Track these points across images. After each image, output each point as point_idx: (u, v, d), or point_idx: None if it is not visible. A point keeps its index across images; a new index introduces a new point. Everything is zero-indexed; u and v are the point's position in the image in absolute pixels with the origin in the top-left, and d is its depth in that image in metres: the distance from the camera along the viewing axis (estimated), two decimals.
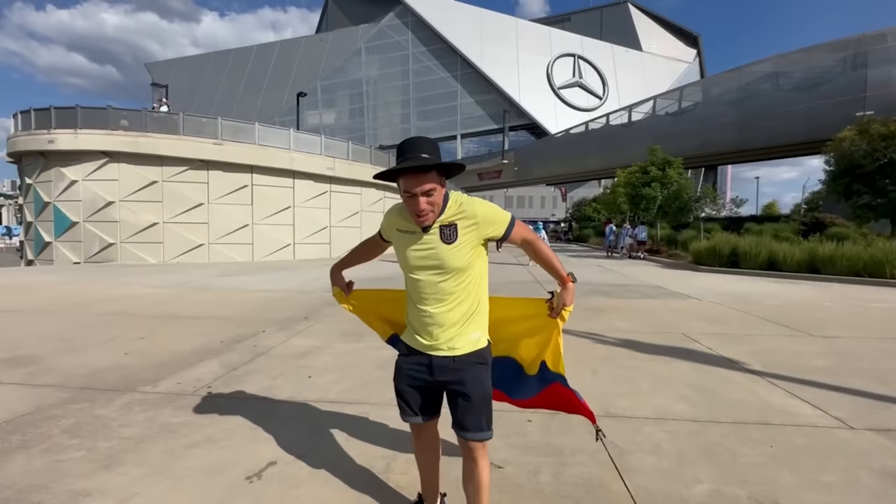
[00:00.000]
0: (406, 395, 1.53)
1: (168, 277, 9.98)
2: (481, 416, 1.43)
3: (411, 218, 1.39)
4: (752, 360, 3.89)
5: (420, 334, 1.47)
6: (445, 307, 1.42)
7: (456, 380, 1.43)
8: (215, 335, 4.68)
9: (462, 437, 1.45)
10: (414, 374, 1.50)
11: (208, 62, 69.33)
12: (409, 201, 1.33)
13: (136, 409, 2.78)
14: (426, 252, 1.41)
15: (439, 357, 1.44)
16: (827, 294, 8.01)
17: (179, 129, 13.72)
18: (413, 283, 1.46)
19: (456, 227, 1.39)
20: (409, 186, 1.31)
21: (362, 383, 3.29)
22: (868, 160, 12.72)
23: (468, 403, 1.42)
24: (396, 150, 1.38)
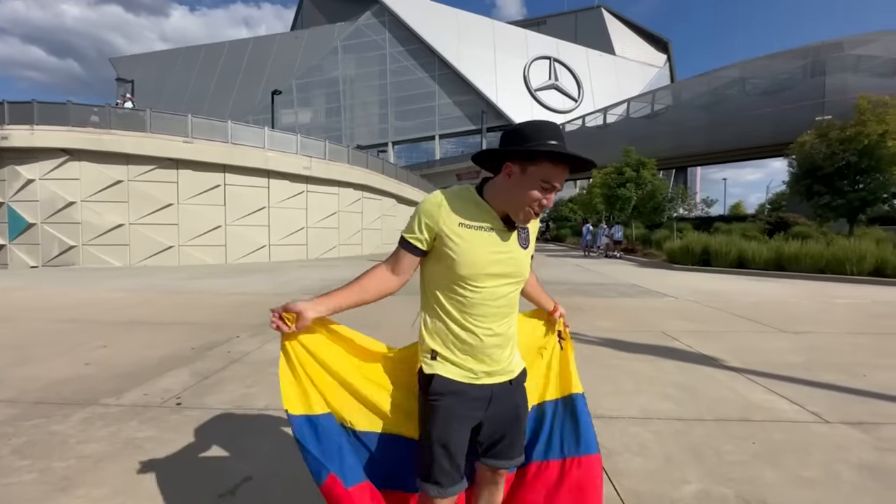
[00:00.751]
0: (455, 451, 1.12)
1: (134, 281, 9.52)
2: (522, 441, 1.29)
3: (519, 214, 1.10)
4: (730, 358, 3.97)
5: (482, 361, 1.15)
6: (508, 323, 1.20)
7: (512, 405, 1.22)
8: (185, 342, 4.46)
9: (504, 466, 1.25)
10: (469, 413, 1.15)
11: (178, 58, 67.00)
12: (539, 194, 1.07)
13: (97, 423, 2.58)
14: (505, 256, 1.15)
15: (499, 385, 1.18)
16: (794, 291, 8.33)
17: (146, 127, 13.12)
18: (475, 295, 1.13)
19: (528, 232, 1.22)
20: (556, 177, 1.06)
21: None
22: (827, 162, 13.34)
23: (519, 429, 1.25)
24: (528, 130, 1.07)
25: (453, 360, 1.15)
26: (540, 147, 1.03)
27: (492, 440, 1.21)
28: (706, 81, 26.46)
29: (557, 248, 27.07)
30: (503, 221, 1.14)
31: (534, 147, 1.04)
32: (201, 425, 2.55)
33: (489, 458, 1.23)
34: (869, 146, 12.35)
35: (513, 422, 1.23)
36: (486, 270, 1.12)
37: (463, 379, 1.14)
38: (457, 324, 1.15)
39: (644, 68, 71.28)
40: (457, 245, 1.11)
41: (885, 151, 12.21)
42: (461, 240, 1.11)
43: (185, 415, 2.70)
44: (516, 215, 1.11)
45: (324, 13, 69.30)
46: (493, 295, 1.14)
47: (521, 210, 1.09)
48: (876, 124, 12.12)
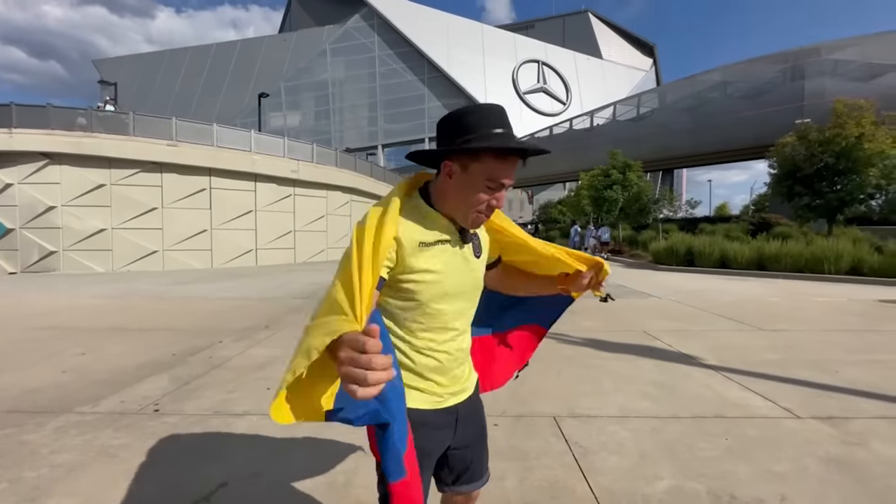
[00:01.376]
0: (423, 491, 0.95)
1: (117, 287, 9.36)
2: (487, 453, 1.19)
3: (468, 219, 0.96)
4: (708, 356, 4.05)
5: (448, 383, 1.04)
6: (467, 337, 1.09)
7: (476, 421, 1.14)
8: (166, 348, 4.40)
9: (474, 489, 1.14)
10: (437, 441, 1.04)
11: (163, 60, 66.12)
12: (486, 196, 0.92)
13: (71, 432, 2.54)
14: (467, 270, 1.02)
15: (464, 403, 1.08)
16: (774, 290, 8.51)
17: (129, 130, 12.93)
18: (442, 316, 0.99)
19: (479, 237, 1.08)
20: (504, 174, 0.91)
21: None
22: (807, 164, 13.67)
23: (485, 443, 1.17)
24: (467, 119, 0.91)
25: (416, 386, 1.00)
26: (480, 142, 0.87)
27: (464, 465, 1.11)
28: (690, 85, 26.97)
29: None
30: (459, 232, 0.99)
31: (473, 142, 0.87)
32: (178, 432, 2.52)
33: (462, 486, 1.12)
34: (846, 148, 12.69)
35: (480, 438, 1.16)
36: (458, 290, 1.00)
37: (429, 406, 1.01)
38: (424, 349, 1.00)
39: (631, 72, 72.34)
40: (423, 268, 0.95)
41: (861, 153, 12.56)
42: (425, 262, 0.95)
43: (163, 421, 2.67)
44: (465, 221, 0.96)
45: (312, 16, 69.07)
46: (454, 314, 1.02)
47: (468, 215, 0.95)
48: (854, 127, 12.46)
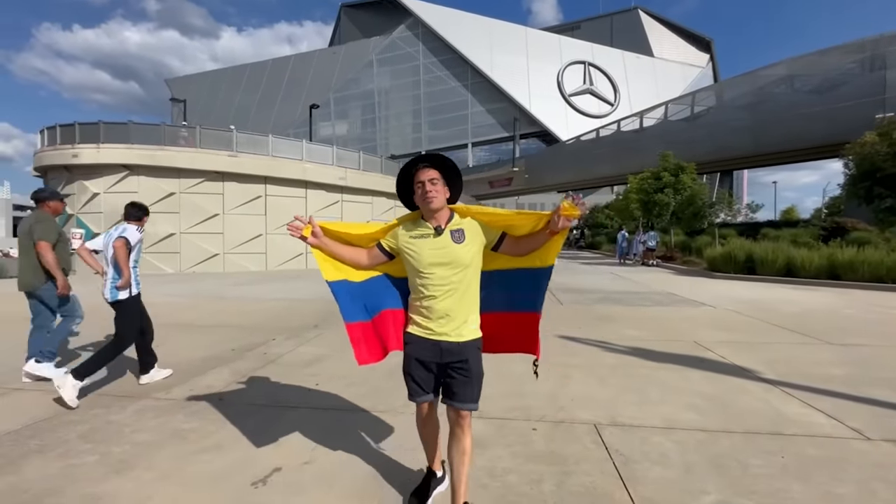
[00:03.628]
0: (417, 378, 1.76)
1: (184, 287, 10.20)
2: (475, 390, 1.73)
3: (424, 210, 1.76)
4: (766, 369, 3.81)
5: (431, 325, 1.72)
6: (453, 300, 1.71)
7: (460, 360, 1.71)
8: (226, 344, 4.77)
9: (456, 408, 1.72)
10: (425, 358, 1.74)
11: (225, 77, 71.25)
12: (418, 192, 1.75)
13: (148, 414, 2.85)
14: (442, 251, 1.71)
15: (448, 342, 1.70)
16: (847, 301, 7.79)
17: (196, 142, 14.09)
18: (426, 278, 1.71)
19: (462, 231, 1.75)
20: (417, 177, 1.76)
21: (369, 391, 3.31)
22: (889, 163, 12.38)
23: (467, 380, 1.71)
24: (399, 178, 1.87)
25: (416, 322, 1.78)
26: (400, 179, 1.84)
27: (446, 384, 1.74)
28: (750, 81, 25.14)
29: (592, 256, 26.46)
30: (435, 229, 1.73)
31: (401, 174, 1.83)
32: (239, 419, 2.75)
33: (447, 399, 1.75)
34: None
35: (460, 369, 1.70)
36: (429, 261, 1.70)
37: (422, 335, 1.74)
38: (420, 299, 1.74)
39: (685, 69, 68.73)
40: (409, 249, 1.76)
41: None
42: (410, 244, 1.76)
43: (225, 409, 2.92)
44: (426, 214, 1.76)
45: (360, 28, 71.68)
46: (438, 279, 1.69)
47: (424, 207, 1.74)
48: None
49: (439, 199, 1.71)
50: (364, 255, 1.90)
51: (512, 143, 53.52)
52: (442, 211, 1.75)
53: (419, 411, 1.87)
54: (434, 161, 1.78)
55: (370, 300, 1.91)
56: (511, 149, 53.63)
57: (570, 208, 1.60)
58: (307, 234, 1.79)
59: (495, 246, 1.82)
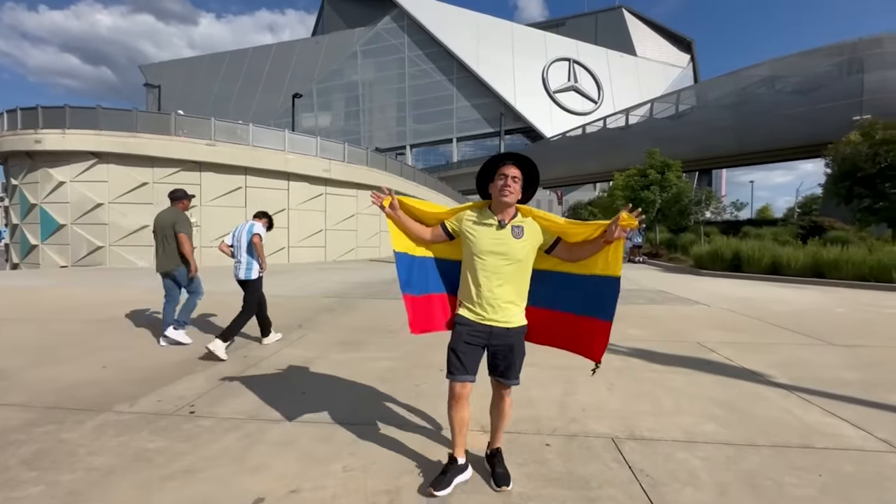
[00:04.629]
0: (462, 356, 1.88)
1: (157, 282, 9.62)
2: (517, 369, 1.96)
3: (498, 203, 1.93)
4: (776, 373, 3.66)
5: (482, 311, 1.89)
6: (503, 289, 1.90)
7: (507, 343, 1.91)
8: (203, 345, 4.38)
9: (502, 383, 1.97)
10: (474, 340, 1.89)
11: (203, 64, 68.96)
12: (498, 185, 1.91)
13: (108, 432, 2.48)
14: (499, 242, 1.89)
15: (498, 328, 1.89)
16: (835, 299, 7.83)
17: (171, 130, 13.38)
18: (480, 262, 1.89)
19: (522, 228, 1.93)
20: (502, 170, 1.91)
21: (361, 400, 3.01)
22: (870, 164, 12.63)
23: (513, 361, 1.93)
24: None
25: (467, 306, 1.95)
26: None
27: (493, 363, 1.95)
28: (734, 81, 25.53)
29: None
30: (499, 221, 1.90)
31: (489, 162, 1.99)
32: (213, 436, 2.42)
33: (493, 375, 1.98)
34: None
35: (507, 354, 1.91)
36: (486, 248, 1.89)
37: (470, 316, 1.92)
38: (471, 283, 1.92)
39: (666, 69, 69.74)
40: (470, 234, 1.94)
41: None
42: (472, 229, 1.94)
43: (198, 424, 2.58)
44: (497, 207, 1.93)
45: (344, 18, 70.26)
46: (491, 266, 1.88)
47: (497, 198, 1.90)
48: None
49: (514, 196, 1.88)
50: (428, 232, 2.08)
51: (497, 139, 53.33)
52: (511, 207, 1.92)
53: (453, 392, 1.90)
54: (521, 161, 1.92)
55: (419, 279, 2.09)
56: (496, 144, 53.51)
57: (629, 219, 1.74)
58: (386, 204, 2.00)
59: (549, 248, 1.99)
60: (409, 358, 4.02)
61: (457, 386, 1.88)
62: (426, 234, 2.08)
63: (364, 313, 6.21)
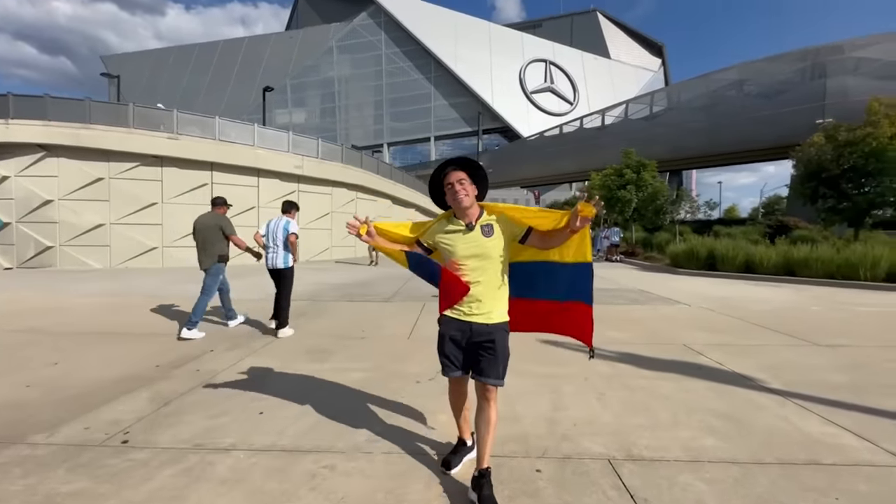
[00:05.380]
0: (450, 355, 1.98)
1: (112, 285, 8.93)
2: (500, 368, 1.92)
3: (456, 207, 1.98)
4: (767, 377, 3.52)
5: (463, 308, 1.94)
6: (482, 287, 1.94)
7: (489, 340, 1.91)
8: (151, 358, 3.93)
9: (484, 383, 1.92)
10: (457, 337, 1.95)
11: (170, 56, 66.11)
12: (449, 193, 1.99)
13: (14, 472, 2.06)
14: (473, 244, 1.93)
15: (478, 324, 1.91)
16: (809, 297, 7.93)
17: (129, 122, 12.52)
18: (461, 268, 1.93)
19: (491, 226, 1.96)
20: (447, 178, 1.99)
21: (328, 419, 2.66)
22: (834, 165, 13.05)
23: (494, 358, 1.90)
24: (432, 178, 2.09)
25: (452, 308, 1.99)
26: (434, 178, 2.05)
27: (475, 361, 1.93)
28: (705, 83, 26.21)
29: None
30: (466, 226, 1.95)
31: (433, 176, 2.05)
32: (145, 474, 2.04)
33: (475, 375, 1.94)
34: (877, 149, 12.05)
35: (488, 348, 1.90)
36: (464, 253, 1.93)
37: (454, 315, 1.96)
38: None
39: (639, 72, 71.35)
40: (444, 244, 2.00)
41: (893, 154, 11.92)
42: (444, 239, 2.00)
43: (129, 458, 2.18)
44: (458, 212, 1.98)
45: (319, 13, 68.68)
46: (471, 269, 1.92)
47: (455, 206, 1.97)
48: (888, 126, 11.82)
49: (469, 197, 1.92)
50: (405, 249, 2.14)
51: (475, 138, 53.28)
52: (472, 208, 1.95)
53: (451, 386, 2.10)
54: (461, 164, 1.99)
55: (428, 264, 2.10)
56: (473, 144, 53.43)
57: (586, 208, 1.72)
58: (363, 232, 2.04)
59: (522, 239, 2.01)
60: (383, 368, 3.69)
61: (451, 380, 2.06)
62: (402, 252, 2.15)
63: (335, 318, 5.83)
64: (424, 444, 2.38)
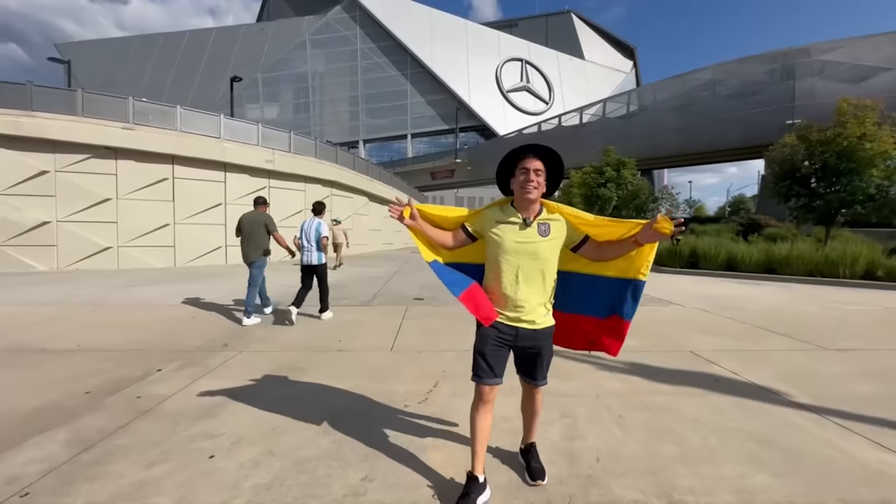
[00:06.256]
0: (490, 359, 1.81)
1: (55, 290, 7.99)
2: (545, 370, 1.92)
3: (521, 200, 1.84)
4: (791, 389, 3.20)
5: (508, 312, 1.82)
6: (531, 289, 1.82)
7: (535, 346, 1.85)
8: (82, 380, 3.27)
9: (531, 384, 1.94)
10: (500, 342, 1.83)
11: (132, 46, 62.74)
12: (520, 180, 1.84)
13: None
14: (526, 241, 1.81)
15: (525, 329, 1.82)
16: (796, 296, 7.86)
17: (77, 109, 11.40)
18: (505, 264, 1.81)
19: (549, 226, 1.84)
20: (524, 163, 1.84)
21: (297, 466, 2.13)
22: (807, 164, 13.26)
23: (541, 362, 1.88)
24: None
25: (494, 303, 1.86)
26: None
27: (521, 364, 1.93)
28: (680, 83, 26.65)
29: None
30: (524, 220, 1.82)
31: (509, 155, 1.92)
32: None
33: (521, 375, 1.96)
34: (847, 148, 12.29)
35: (535, 355, 1.87)
36: (512, 248, 1.82)
37: (498, 318, 1.83)
38: (496, 284, 1.86)
39: (612, 73, 72.64)
40: (494, 234, 1.86)
41: (863, 154, 12.18)
42: (496, 230, 1.86)
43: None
44: (520, 204, 1.85)
45: (291, 5, 66.67)
46: (516, 266, 1.81)
47: (520, 197, 1.84)
48: (856, 127, 12.07)
49: (538, 191, 1.79)
50: (450, 237, 1.96)
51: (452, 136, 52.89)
52: (536, 203, 1.82)
53: (480, 395, 1.83)
54: (543, 153, 1.84)
55: (460, 275, 1.91)
56: (450, 141, 53.04)
57: (666, 223, 1.64)
58: (407, 214, 1.87)
59: (576, 247, 1.88)
60: (364, 389, 3.17)
61: (485, 389, 1.82)
62: (448, 241, 1.96)
63: (309, 326, 5.24)
64: (423, 493, 1.88)
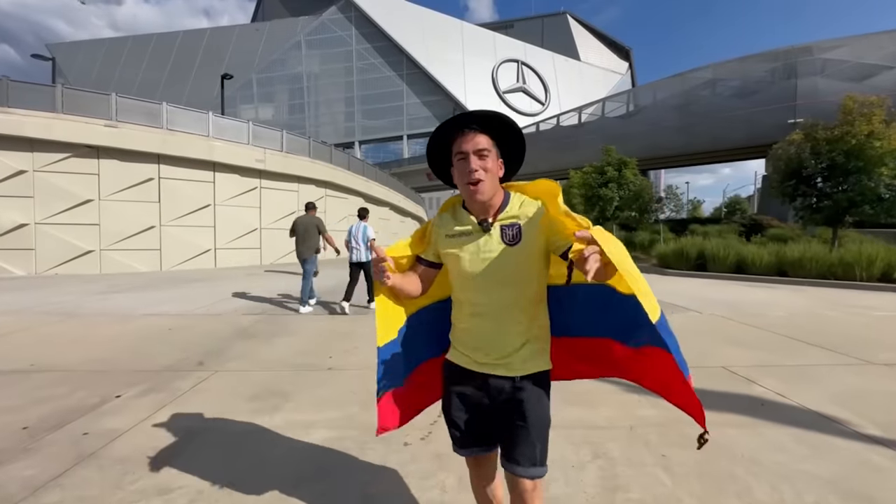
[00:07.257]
0: (459, 421, 1.27)
1: (24, 297, 7.47)
2: (536, 446, 1.18)
3: (467, 195, 1.19)
4: (854, 417, 2.76)
5: (473, 354, 1.23)
6: (503, 322, 1.22)
7: (513, 401, 1.20)
8: (23, 411, 2.79)
9: (515, 474, 1.18)
10: (469, 396, 1.25)
11: (125, 46, 61.99)
12: (461, 169, 1.17)
13: None
14: (487, 257, 1.18)
15: (497, 377, 1.21)
16: (813, 300, 7.47)
17: (57, 106, 10.87)
18: (466, 291, 1.22)
19: (518, 226, 1.18)
20: (459, 146, 1.16)
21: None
22: (813, 163, 12.92)
23: (525, 432, 1.17)
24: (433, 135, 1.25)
25: (457, 348, 1.28)
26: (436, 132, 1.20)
27: (501, 436, 1.23)
28: (680, 82, 26.37)
29: None
30: (479, 224, 1.18)
31: (433, 136, 1.22)
32: None
33: (502, 458, 1.23)
34: (856, 147, 11.95)
35: (513, 418, 1.19)
36: (470, 269, 1.19)
37: (462, 362, 1.25)
38: (459, 318, 1.27)
39: (607, 75, 72.63)
40: (448, 254, 1.24)
41: (872, 152, 11.84)
42: (449, 248, 1.24)
43: None
44: (468, 200, 1.19)
45: (286, 6, 66.21)
46: (482, 293, 1.19)
47: (465, 191, 1.17)
48: (864, 124, 11.73)
49: (487, 184, 1.14)
50: (418, 280, 1.31)
51: None
52: (493, 197, 1.18)
53: (470, 468, 1.36)
54: (484, 122, 1.16)
55: (415, 345, 1.36)
56: None
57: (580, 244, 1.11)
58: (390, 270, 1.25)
59: (566, 253, 1.13)
60: (356, 420, 2.70)
61: (469, 461, 1.35)
62: (417, 286, 1.31)
63: (295, 339, 4.77)
64: None
